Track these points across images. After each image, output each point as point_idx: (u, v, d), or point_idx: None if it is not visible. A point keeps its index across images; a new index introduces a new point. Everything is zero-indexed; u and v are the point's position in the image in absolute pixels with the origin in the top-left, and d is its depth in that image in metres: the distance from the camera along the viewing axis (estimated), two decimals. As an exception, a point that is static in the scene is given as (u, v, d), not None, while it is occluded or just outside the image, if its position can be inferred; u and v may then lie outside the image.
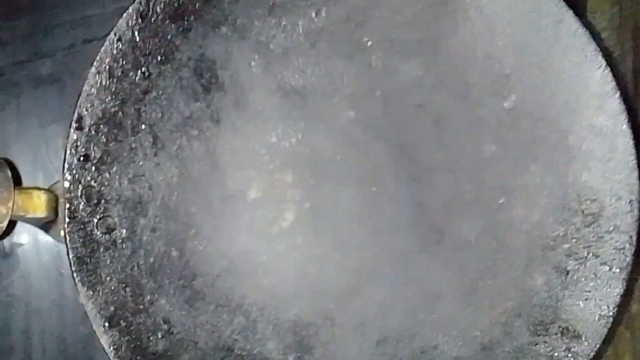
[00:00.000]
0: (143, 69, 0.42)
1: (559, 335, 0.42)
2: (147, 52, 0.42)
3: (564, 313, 0.42)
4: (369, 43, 0.44)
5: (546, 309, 0.42)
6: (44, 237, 0.48)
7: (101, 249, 0.42)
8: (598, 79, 0.41)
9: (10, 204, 0.38)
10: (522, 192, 0.43)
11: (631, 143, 0.41)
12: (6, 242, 0.48)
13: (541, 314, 0.42)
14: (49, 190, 0.42)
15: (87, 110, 0.41)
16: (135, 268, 0.42)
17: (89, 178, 0.41)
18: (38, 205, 0.40)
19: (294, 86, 0.44)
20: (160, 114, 0.43)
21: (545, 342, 0.42)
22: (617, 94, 0.41)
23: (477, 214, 0.43)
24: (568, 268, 0.42)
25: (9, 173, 0.39)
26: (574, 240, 0.42)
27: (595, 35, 0.42)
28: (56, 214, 0.42)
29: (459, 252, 0.43)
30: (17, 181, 0.44)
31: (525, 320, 0.42)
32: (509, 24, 0.43)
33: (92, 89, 0.41)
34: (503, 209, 0.43)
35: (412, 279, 0.43)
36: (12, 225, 0.41)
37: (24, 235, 0.48)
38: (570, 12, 0.42)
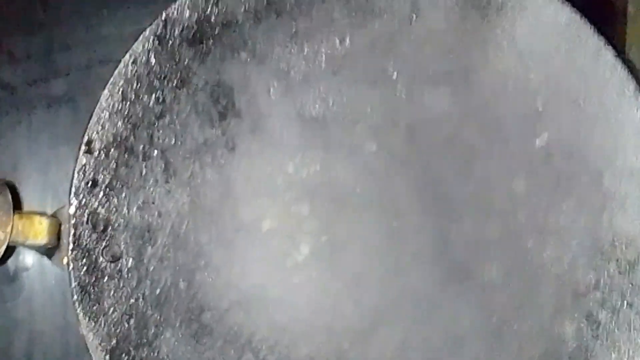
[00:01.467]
0: (158, 93, 0.41)
1: (589, 389, 0.39)
2: (163, 75, 0.41)
3: (594, 366, 0.39)
4: (395, 72, 0.42)
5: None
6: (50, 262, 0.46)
7: (105, 278, 0.40)
8: (637, 118, 0.40)
9: (9, 229, 0.37)
10: (553, 233, 0.41)
11: (672, 187, 0.38)
12: (11, 265, 0.47)
13: (569, 365, 0.40)
14: (51, 216, 0.40)
15: (97, 133, 0.40)
16: (141, 299, 0.40)
17: (96, 204, 0.40)
18: (39, 231, 0.39)
19: (314, 114, 0.42)
20: (173, 140, 0.41)
21: (574, 395, 0.39)
22: (658, 135, 0.39)
23: (504, 254, 0.41)
24: (600, 317, 0.40)
25: (9, 196, 0.38)
26: (608, 287, 0.40)
27: (634, 72, 0.40)
28: (58, 240, 0.40)
29: (484, 293, 0.41)
30: (18, 205, 0.43)
31: (552, 371, 0.40)
32: (544, 58, 0.41)
33: (104, 112, 0.40)
34: (532, 250, 0.41)
35: (433, 319, 0.41)
36: (10, 250, 0.40)
37: (29, 259, 0.47)
38: (609, 47, 0.40)
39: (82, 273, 0.39)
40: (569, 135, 0.41)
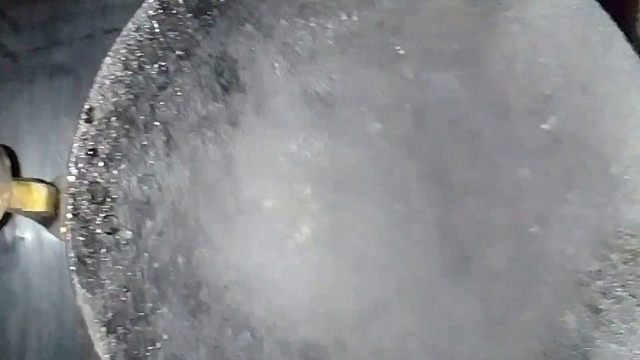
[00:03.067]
0: (160, 62, 0.40)
1: (587, 380, 0.39)
2: (166, 45, 0.40)
3: (594, 356, 0.39)
4: (402, 51, 0.41)
5: (575, 350, 0.39)
6: (48, 233, 0.46)
7: (103, 250, 0.39)
8: (648, 106, 0.39)
9: (7, 196, 0.36)
10: (557, 221, 0.40)
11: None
12: (8, 235, 0.46)
13: (569, 355, 0.39)
14: (50, 184, 0.40)
15: (98, 102, 0.39)
16: (138, 273, 0.40)
17: (95, 174, 0.39)
18: (37, 199, 0.38)
19: (319, 92, 0.41)
20: (175, 112, 0.41)
21: (572, 386, 0.39)
22: (668, 123, 0.38)
23: (507, 242, 0.41)
24: (601, 307, 0.39)
25: (8, 162, 0.37)
26: (610, 277, 0.40)
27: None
28: (56, 210, 0.39)
29: (486, 281, 0.40)
30: (16, 171, 0.42)
31: (551, 361, 0.39)
32: (554, 41, 0.41)
33: (105, 80, 0.39)
34: (536, 239, 0.40)
35: (434, 307, 0.41)
36: (6, 217, 0.39)
37: (27, 229, 0.47)
38: (621, 33, 0.40)
39: (79, 244, 0.39)
40: (577, 122, 0.41)
